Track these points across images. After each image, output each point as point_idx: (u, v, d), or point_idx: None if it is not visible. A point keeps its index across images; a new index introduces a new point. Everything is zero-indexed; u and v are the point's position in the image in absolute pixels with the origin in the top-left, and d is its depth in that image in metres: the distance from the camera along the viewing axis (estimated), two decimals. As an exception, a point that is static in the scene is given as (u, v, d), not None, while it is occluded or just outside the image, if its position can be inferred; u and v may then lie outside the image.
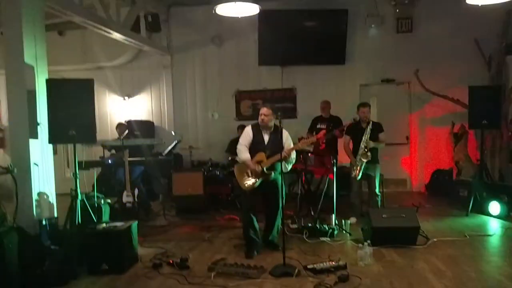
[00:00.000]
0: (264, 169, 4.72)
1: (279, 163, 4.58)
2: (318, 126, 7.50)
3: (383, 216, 5.00)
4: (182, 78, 9.48)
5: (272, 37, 8.59)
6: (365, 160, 5.93)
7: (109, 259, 4.30)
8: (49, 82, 4.87)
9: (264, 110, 4.89)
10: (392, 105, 8.86)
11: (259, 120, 4.92)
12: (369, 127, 5.99)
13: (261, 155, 4.79)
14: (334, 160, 5.98)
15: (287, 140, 4.95)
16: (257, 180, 4.76)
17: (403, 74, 8.62)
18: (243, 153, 4.88)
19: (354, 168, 6.07)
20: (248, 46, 8.98)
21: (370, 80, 8.88)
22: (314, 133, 7.32)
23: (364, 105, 6.26)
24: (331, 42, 8.62)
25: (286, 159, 4.72)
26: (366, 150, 5.92)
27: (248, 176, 4.80)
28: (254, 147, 4.89)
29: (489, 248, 5.05)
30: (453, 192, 7.60)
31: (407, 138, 8.92)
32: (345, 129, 6.65)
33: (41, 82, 4.96)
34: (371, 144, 5.96)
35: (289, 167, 4.95)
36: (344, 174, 6.53)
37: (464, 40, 8.19)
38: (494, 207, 6.26)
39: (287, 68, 9.03)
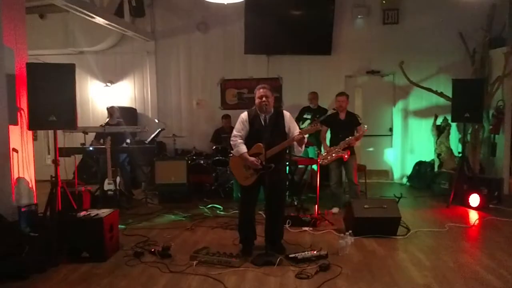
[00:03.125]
0: (264, 162, 4.13)
1: (283, 152, 4.37)
2: (305, 116, 7.60)
3: (365, 206, 5.04)
4: (166, 65, 9.35)
5: (259, 25, 8.52)
6: (338, 157, 5.98)
7: (90, 247, 4.26)
8: (29, 66, 4.75)
9: (263, 92, 4.26)
10: (376, 97, 8.92)
11: (258, 105, 4.29)
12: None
13: (259, 147, 4.20)
14: (318, 151, 6.01)
15: (291, 122, 4.41)
16: (256, 174, 4.25)
17: (388, 65, 8.65)
18: (238, 146, 4.29)
19: (324, 157, 6.09)
20: (234, 34, 8.89)
21: (356, 71, 8.89)
22: (301, 123, 7.39)
23: (340, 94, 6.33)
24: (317, 32, 8.56)
25: (301, 140, 4.21)
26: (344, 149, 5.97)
27: (246, 170, 4.30)
28: (252, 135, 4.31)
29: (468, 239, 5.14)
30: (435, 183, 7.73)
31: (391, 129, 8.98)
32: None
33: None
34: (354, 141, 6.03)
35: (302, 149, 4.35)
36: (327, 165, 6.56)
37: (449, 33, 8.24)
38: (474, 199, 6.37)
39: (273, 57, 8.98)
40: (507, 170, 7.67)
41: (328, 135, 6.42)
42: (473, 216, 5.97)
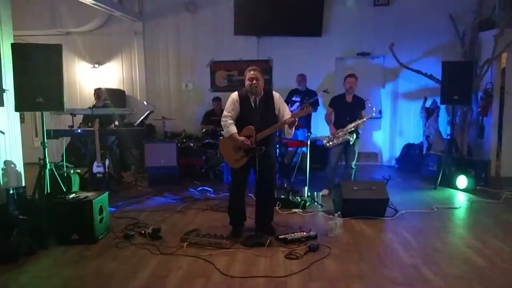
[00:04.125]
0: (254, 145, 4.09)
1: (273, 135, 4.35)
2: (293, 98, 7.57)
3: (354, 188, 5.09)
4: (155, 46, 9.22)
5: (249, 6, 8.41)
6: (344, 140, 5.99)
7: (80, 229, 4.25)
8: (15, 47, 4.66)
9: (253, 74, 4.22)
10: (366, 79, 8.86)
11: (248, 86, 4.23)
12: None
13: (249, 129, 4.15)
14: (308, 134, 6.01)
15: (281, 103, 4.36)
16: (246, 156, 4.24)
17: (378, 47, 8.62)
18: (228, 127, 4.25)
19: (330, 139, 6.09)
20: (224, 14, 8.75)
21: (346, 53, 8.85)
22: (290, 105, 7.37)
23: (350, 75, 6.26)
24: (308, 13, 8.49)
25: (293, 123, 4.20)
26: (351, 132, 5.98)
27: (236, 152, 4.28)
28: (242, 118, 4.28)
29: (455, 220, 5.21)
30: (423, 166, 7.80)
31: (380, 112, 9.00)
32: (317, 101, 6.68)
33: (6, 47, 4.74)
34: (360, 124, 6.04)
35: (292, 131, 4.32)
36: (318, 148, 6.58)
37: (439, 15, 8.22)
38: (462, 181, 6.46)
39: (263, 39, 8.89)
40: (495, 152, 7.77)
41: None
42: (460, 198, 6.07)
